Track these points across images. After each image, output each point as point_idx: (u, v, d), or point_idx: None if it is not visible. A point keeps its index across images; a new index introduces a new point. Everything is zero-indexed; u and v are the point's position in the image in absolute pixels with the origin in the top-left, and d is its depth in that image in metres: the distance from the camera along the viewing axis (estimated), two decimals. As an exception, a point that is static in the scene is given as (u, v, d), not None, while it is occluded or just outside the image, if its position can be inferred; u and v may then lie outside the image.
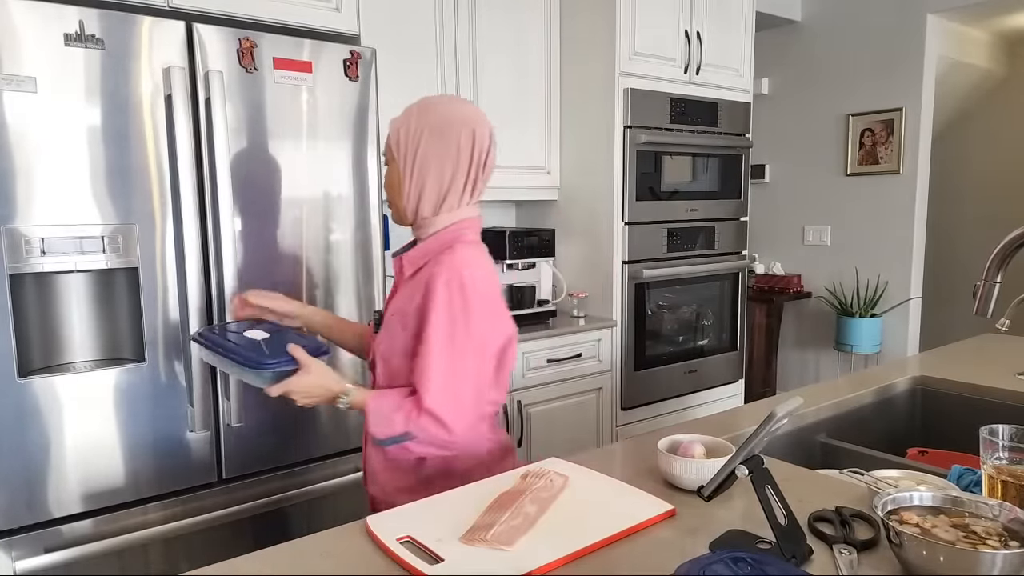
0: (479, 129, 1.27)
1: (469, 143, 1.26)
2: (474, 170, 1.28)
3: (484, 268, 1.27)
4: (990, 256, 1.41)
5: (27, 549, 1.56)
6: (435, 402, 1.17)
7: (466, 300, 1.20)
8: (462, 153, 1.26)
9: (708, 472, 1.01)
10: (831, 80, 4.13)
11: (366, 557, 0.92)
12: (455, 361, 1.20)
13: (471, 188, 1.30)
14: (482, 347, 1.25)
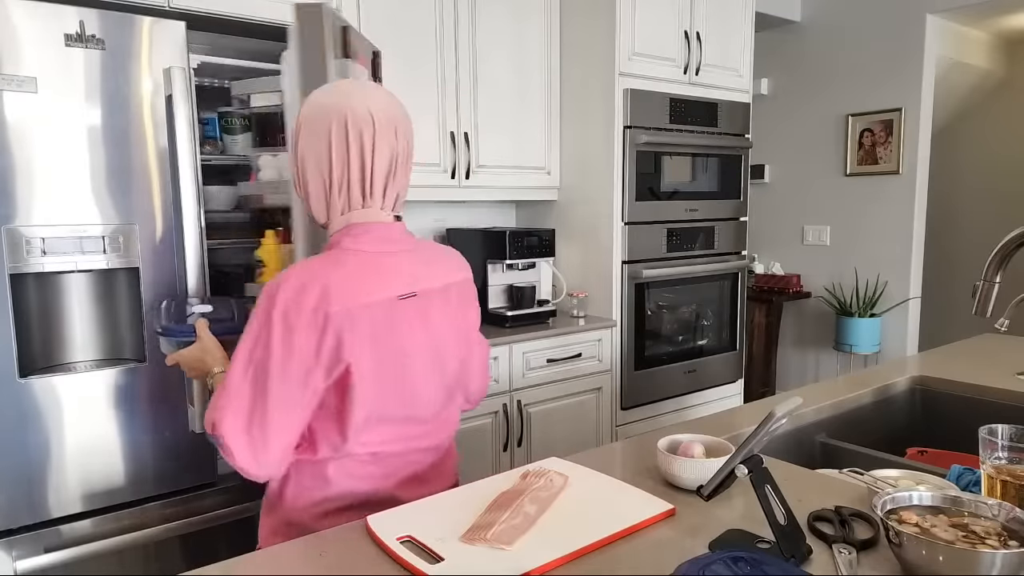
0: (352, 116, 1.08)
1: (342, 134, 1.08)
2: (356, 166, 1.10)
3: (300, 281, 1.02)
4: (989, 256, 1.41)
5: (27, 549, 1.56)
6: (226, 426, 1.03)
7: (269, 316, 1.01)
8: (335, 147, 1.08)
9: (708, 472, 1.02)
10: (831, 80, 4.13)
11: (366, 557, 0.92)
12: (255, 383, 1.01)
13: (362, 188, 1.12)
14: (290, 374, 1.01)
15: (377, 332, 1.06)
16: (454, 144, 2.66)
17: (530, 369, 2.61)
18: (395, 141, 1.15)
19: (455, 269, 1.24)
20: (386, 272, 1.10)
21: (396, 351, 1.09)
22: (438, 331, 1.16)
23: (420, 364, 1.13)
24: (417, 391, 1.14)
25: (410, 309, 1.11)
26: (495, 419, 2.53)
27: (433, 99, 2.61)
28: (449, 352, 1.19)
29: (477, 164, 2.75)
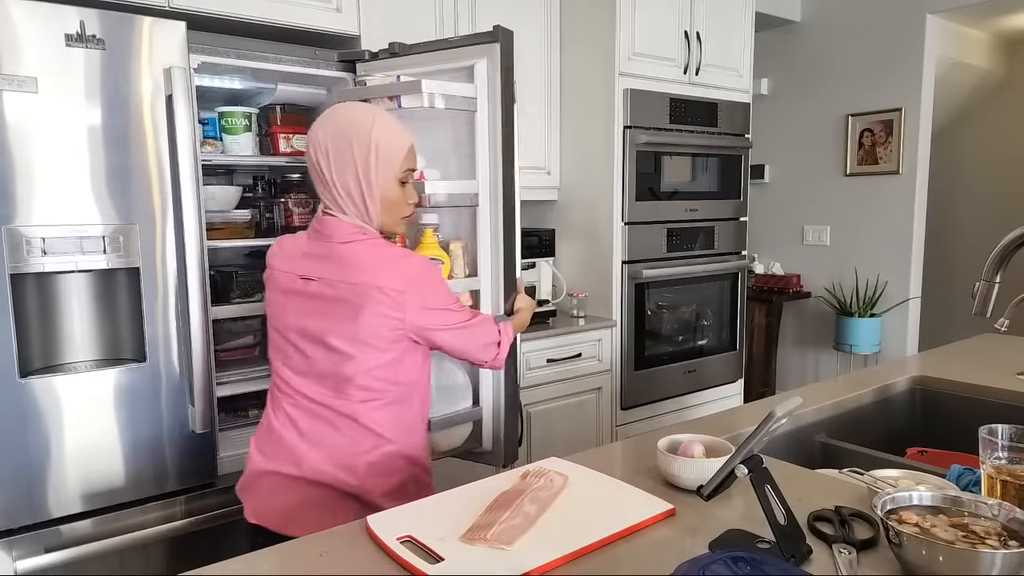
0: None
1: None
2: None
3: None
4: (989, 256, 1.41)
5: (28, 549, 1.56)
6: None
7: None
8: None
9: (708, 472, 1.02)
10: (830, 80, 4.13)
11: (366, 556, 0.93)
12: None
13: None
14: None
15: None
16: (454, 144, 2.66)
17: (530, 369, 2.61)
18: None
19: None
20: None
21: None
22: None
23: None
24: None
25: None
26: (495, 419, 2.53)
27: (433, 99, 2.60)
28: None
29: (477, 164, 2.75)
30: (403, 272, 1.25)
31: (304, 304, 1.29)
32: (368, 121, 1.26)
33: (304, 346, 1.30)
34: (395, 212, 1.33)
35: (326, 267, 1.27)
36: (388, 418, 1.30)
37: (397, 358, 1.29)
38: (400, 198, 1.32)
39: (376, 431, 1.29)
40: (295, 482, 1.29)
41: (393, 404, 1.31)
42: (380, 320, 1.24)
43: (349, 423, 1.28)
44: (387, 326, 1.25)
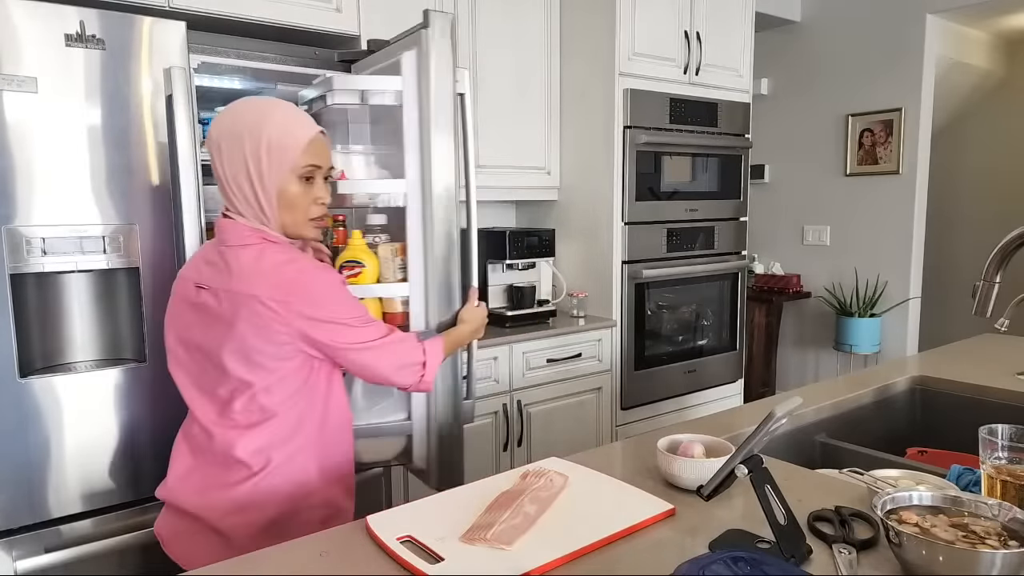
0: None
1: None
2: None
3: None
4: (989, 256, 1.41)
5: (28, 549, 1.56)
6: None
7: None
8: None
9: (708, 472, 1.02)
10: (830, 80, 4.13)
11: (366, 556, 0.93)
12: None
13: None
14: None
15: None
16: (454, 144, 2.66)
17: (530, 369, 2.61)
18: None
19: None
20: None
21: None
22: None
23: None
24: None
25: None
26: (495, 419, 2.53)
27: (433, 99, 2.60)
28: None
29: (477, 164, 2.75)
30: (281, 280, 1.13)
31: (193, 314, 1.20)
32: (261, 115, 1.17)
33: (190, 361, 1.21)
34: (296, 212, 1.21)
35: (214, 274, 1.18)
36: (269, 445, 1.18)
37: (285, 377, 1.17)
38: (300, 196, 1.20)
39: (246, 461, 1.16)
40: (167, 507, 1.26)
41: (279, 429, 1.18)
42: (261, 333, 1.12)
43: (222, 450, 1.17)
44: (271, 340, 1.13)
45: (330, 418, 1.27)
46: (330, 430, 1.27)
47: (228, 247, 1.18)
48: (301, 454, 1.22)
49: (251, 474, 1.17)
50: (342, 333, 1.19)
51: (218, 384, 1.18)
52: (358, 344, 1.21)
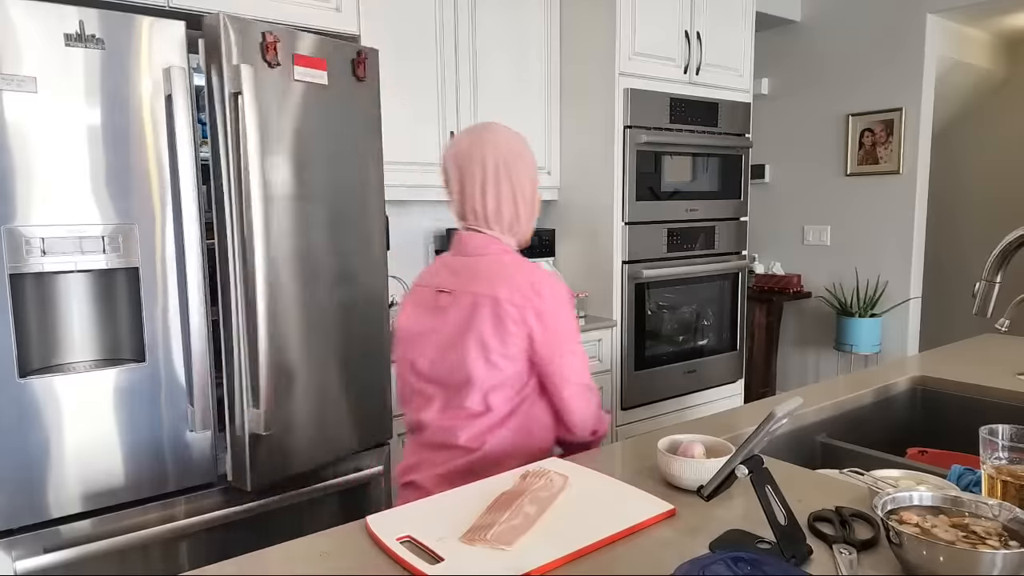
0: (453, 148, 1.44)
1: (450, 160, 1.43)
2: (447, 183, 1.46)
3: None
4: (990, 256, 1.41)
5: (27, 549, 1.56)
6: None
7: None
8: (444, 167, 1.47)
9: (708, 472, 1.01)
10: (831, 80, 4.13)
11: (366, 557, 0.92)
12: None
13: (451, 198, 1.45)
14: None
15: None
16: (454, 144, 2.66)
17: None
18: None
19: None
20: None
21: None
22: None
23: None
24: None
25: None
26: (495, 419, 2.53)
27: (433, 99, 2.61)
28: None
29: (477, 164, 2.75)
30: (520, 283, 1.26)
31: (432, 317, 1.34)
32: (522, 140, 1.37)
33: (425, 360, 1.35)
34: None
35: (456, 279, 1.32)
36: (485, 432, 1.30)
37: (509, 379, 1.28)
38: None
39: (466, 446, 1.30)
40: (407, 486, 1.39)
41: (494, 421, 1.30)
42: (497, 332, 1.25)
43: (446, 438, 1.32)
44: (504, 340, 1.25)
45: (536, 419, 1.36)
46: (536, 428, 1.37)
47: (470, 256, 1.34)
48: (507, 442, 1.33)
49: (468, 453, 1.31)
50: (560, 347, 1.29)
51: (450, 379, 1.31)
52: (568, 370, 1.31)
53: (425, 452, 1.37)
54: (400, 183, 2.54)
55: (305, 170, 1.86)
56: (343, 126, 1.92)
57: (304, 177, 1.86)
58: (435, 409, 1.35)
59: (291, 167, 1.85)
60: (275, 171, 1.82)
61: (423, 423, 1.37)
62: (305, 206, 1.88)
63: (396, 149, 2.52)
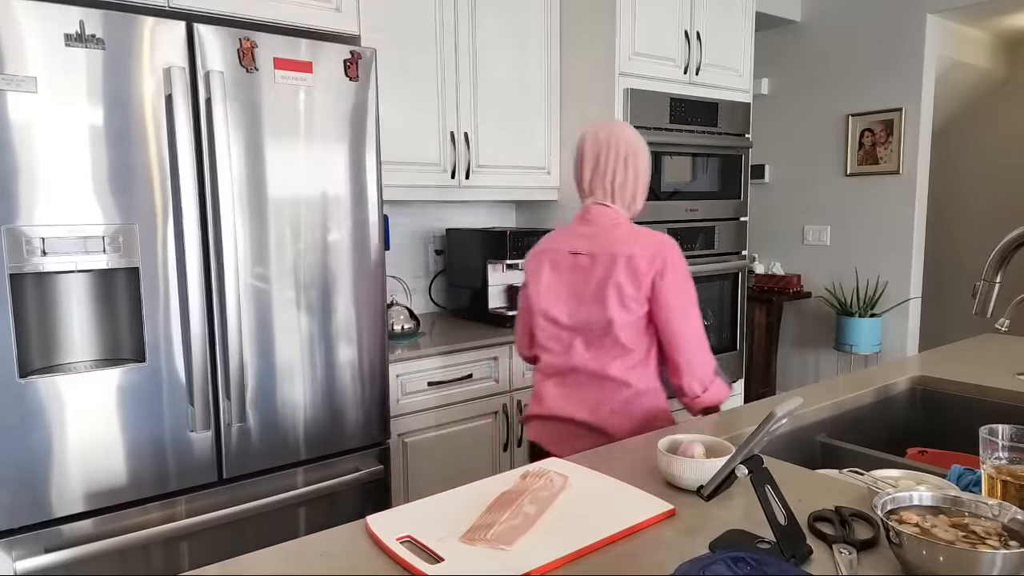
0: (581, 139, 1.71)
1: (578, 150, 1.71)
2: (578, 170, 1.72)
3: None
4: (989, 256, 1.41)
5: (28, 549, 1.56)
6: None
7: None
8: (575, 156, 1.75)
9: (708, 472, 1.02)
10: (831, 80, 4.13)
11: (366, 556, 0.92)
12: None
13: (581, 182, 1.71)
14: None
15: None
16: (454, 144, 2.66)
17: (530, 369, 2.61)
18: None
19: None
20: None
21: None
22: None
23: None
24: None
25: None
26: (495, 419, 2.53)
27: (433, 99, 2.61)
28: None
29: (477, 164, 2.75)
30: (650, 243, 1.55)
31: (572, 274, 1.62)
32: (644, 143, 1.66)
33: (566, 312, 1.62)
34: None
35: (592, 244, 1.59)
36: (627, 371, 1.58)
37: (638, 320, 1.56)
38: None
39: (617, 378, 1.57)
40: (560, 421, 1.64)
41: (638, 359, 1.58)
42: (632, 280, 1.53)
43: (598, 374, 1.58)
44: (638, 287, 1.53)
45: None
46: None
47: (602, 226, 1.61)
48: (649, 381, 1.60)
49: (619, 390, 1.58)
50: (678, 300, 1.55)
51: (593, 325, 1.58)
52: (682, 319, 1.55)
53: (575, 390, 1.62)
54: (400, 183, 2.54)
55: (293, 172, 1.87)
56: (334, 127, 1.92)
57: (291, 179, 1.87)
58: (580, 351, 1.61)
59: (276, 169, 1.85)
60: (257, 174, 1.82)
61: (574, 367, 1.62)
62: (295, 208, 1.88)
63: (396, 149, 2.52)
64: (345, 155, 1.95)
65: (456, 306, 2.98)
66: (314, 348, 1.93)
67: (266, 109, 1.80)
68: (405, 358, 2.28)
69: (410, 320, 2.49)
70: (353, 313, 2.00)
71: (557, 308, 1.64)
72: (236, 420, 1.80)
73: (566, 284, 1.63)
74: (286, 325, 1.88)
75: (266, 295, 1.84)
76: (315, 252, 1.92)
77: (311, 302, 1.92)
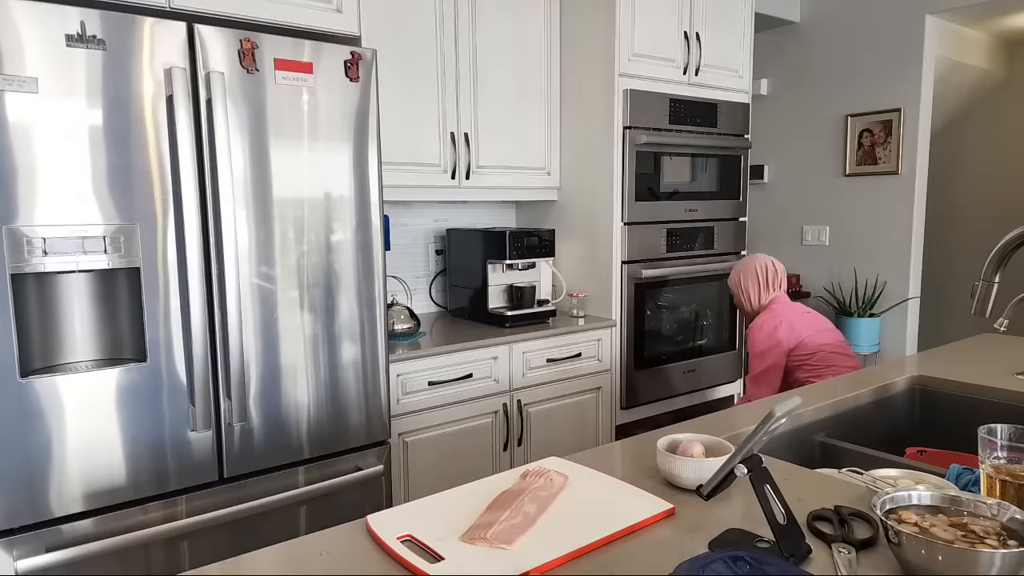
0: (768, 264, 2.56)
1: (763, 271, 2.57)
2: (766, 282, 2.56)
3: (770, 314, 2.49)
4: (988, 256, 1.42)
5: (28, 548, 1.56)
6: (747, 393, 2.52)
7: (762, 333, 2.47)
8: (759, 277, 2.57)
9: (707, 471, 1.02)
10: (830, 81, 4.14)
11: (367, 556, 0.93)
12: (760, 368, 2.46)
13: (770, 290, 2.56)
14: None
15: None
16: (454, 144, 2.67)
17: (530, 369, 2.61)
18: (771, 269, 2.60)
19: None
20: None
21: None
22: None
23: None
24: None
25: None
26: (495, 419, 2.54)
27: (433, 100, 2.61)
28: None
29: (477, 164, 2.75)
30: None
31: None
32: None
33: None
34: None
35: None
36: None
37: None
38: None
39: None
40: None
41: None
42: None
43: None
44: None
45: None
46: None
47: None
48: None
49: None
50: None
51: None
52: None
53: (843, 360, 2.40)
54: (400, 183, 2.54)
55: (293, 173, 1.87)
56: (335, 128, 1.93)
57: (292, 180, 1.87)
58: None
59: (276, 170, 1.85)
60: (257, 174, 1.82)
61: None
62: (295, 208, 1.88)
63: (396, 150, 2.53)
64: (345, 156, 1.95)
65: (456, 306, 2.98)
66: (316, 347, 1.93)
67: (267, 110, 1.80)
68: (405, 358, 2.28)
69: (410, 320, 2.49)
70: (355, 313, 2.00)
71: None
72: (237, 419, 1.80)
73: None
74: (287, 325, 1.88)
75: (266, 295, 1.84)
76: (317, 253, 1.92)
77: (313, 302, 1.92)
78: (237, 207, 1.77)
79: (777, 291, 2.55)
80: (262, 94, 1.80)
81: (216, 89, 1.70)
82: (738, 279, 2.61)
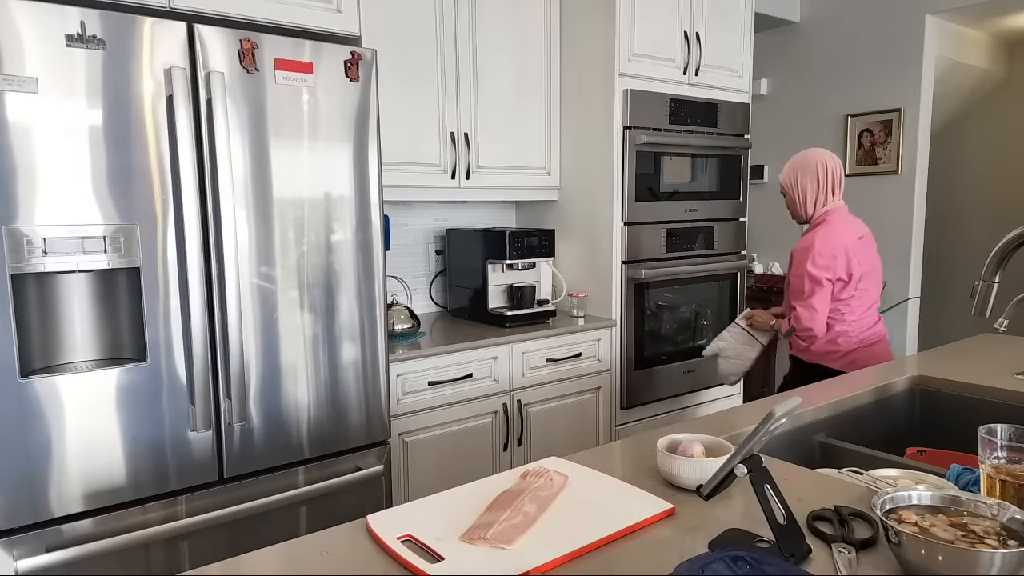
0: (828, 162, 2.27)
1: (824, 171, 2.28)
2: (826, 185, 2.28)
3: (827, 236, 2.21)
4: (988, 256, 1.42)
5: (28, 548, 1.56)
6: (797, 318, 2.28)
7: (812, 255, 2.20)
8: (820, 178, 2.28)
9: (707, 471, 1.02)
10: (830, 81, 4.14)
11: (366, 556, 0.93)
12: (808, 292, 2.23)
13: (828, 196, 2.29)
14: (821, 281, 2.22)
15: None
16: (454, 144, 2.67)
17: (530, 369, 2.61)
18: (834, 169, 2.33)
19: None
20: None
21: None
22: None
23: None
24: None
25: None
26: (495, 419, 2.54)
27: (433, 99, 2.61)
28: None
29: (477, 164, 2.75)
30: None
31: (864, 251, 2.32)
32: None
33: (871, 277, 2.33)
34: None
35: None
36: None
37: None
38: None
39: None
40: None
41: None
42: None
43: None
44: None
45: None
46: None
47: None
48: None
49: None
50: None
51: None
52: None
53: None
54: (400, 183, 2.54)
55: (293, 173, 1.87)
56: (335, 128, 1.92)
57: (292, 180, 1.87)
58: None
59: (276, 170, 1.85)
60: (257, 174, 1.82)
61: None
62: (295, 208, 1.88)
63: (396, 150, 2.53)
64: (345, 156, 1.95)
65: (456, 306, 2.98)
66: (316, 347, 1.93)
67: (267, 110, 1.80)
68: (405, 358, 2.28)
69: (410, 320, 2.49)
70: (355, 313, 2.00)
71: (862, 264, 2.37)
72: (237, 419, 1.80)
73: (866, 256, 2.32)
74: (287, 325, 1.88)
75: (266, 295, 1.84)
76: (317, 252, 1.92)
77: (313, 302, 1.92)
78: (237, 207, 1.77)
79: (836, 198, 2.26)
80: (262, 94, 1.80)
81: (216, 89, 1.70)
82: (794, 178, 2.28)
